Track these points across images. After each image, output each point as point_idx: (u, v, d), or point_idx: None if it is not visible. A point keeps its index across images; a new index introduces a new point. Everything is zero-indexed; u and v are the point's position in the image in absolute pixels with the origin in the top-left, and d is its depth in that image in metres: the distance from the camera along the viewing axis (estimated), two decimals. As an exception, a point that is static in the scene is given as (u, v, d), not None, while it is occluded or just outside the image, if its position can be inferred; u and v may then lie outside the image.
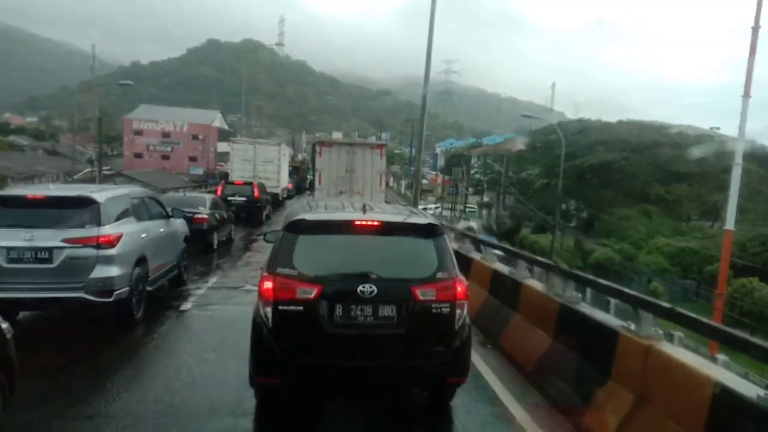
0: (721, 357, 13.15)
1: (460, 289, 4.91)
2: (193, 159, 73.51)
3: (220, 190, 24.11)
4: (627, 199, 50.77)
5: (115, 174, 49.47)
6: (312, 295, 4.66)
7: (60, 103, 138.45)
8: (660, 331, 4.79)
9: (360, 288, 4.66)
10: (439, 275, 4.91)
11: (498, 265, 9.29)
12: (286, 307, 4.68)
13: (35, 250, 6.96)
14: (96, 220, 7.32)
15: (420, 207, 22.50)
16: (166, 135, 75.70)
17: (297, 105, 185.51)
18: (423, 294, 4.79)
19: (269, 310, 4.70)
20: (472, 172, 69.27)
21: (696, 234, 44.60)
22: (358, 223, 5.02)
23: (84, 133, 72.09)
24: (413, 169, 38.64)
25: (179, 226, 10.64)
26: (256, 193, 24.04)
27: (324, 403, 5.62)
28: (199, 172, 66.63)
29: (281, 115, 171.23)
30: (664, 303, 4.99)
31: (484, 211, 62.25)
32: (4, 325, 4.48)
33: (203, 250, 14.68)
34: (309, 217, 5.18)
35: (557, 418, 5.33)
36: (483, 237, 13.73)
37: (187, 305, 9.30)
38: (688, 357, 4.34)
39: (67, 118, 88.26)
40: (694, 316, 4.48)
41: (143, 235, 8.42)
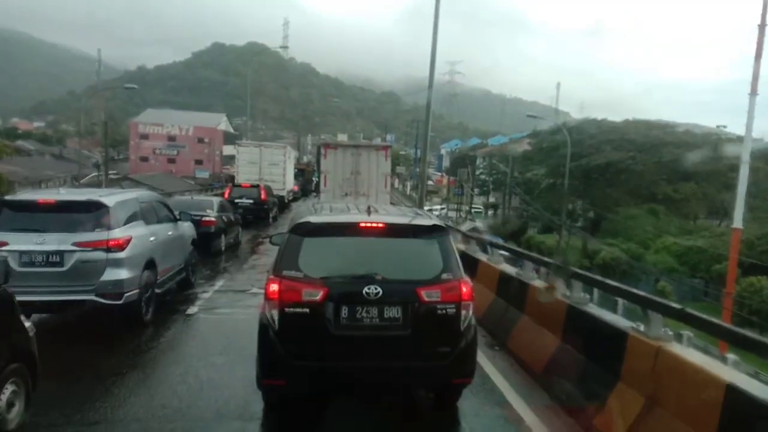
0: (731, 357, 12.98)
1: (465, 290, 4.90)
2: (199, 162, 73.97)
3: (227, 192, 24.27)
4: (634, 199, 50.58)
5: (122, 178, 49.72)
6: (318, 297, 4.67)
7: (67, 107, 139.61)
8: (670, 332, 4.74)
9: (365, 290, 4.66)
10: (444, 276, 4.91)
11: (505, 266, 9.27)
12: (292, 310, 4.69)
13: (47, 253, 7.07)
14: (106, 223, 7.44)
15: (425, 208, 22.53)
16: (171, 138, 76.20)
17: (302, 107, 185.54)
18: (428, 295, 4.78)
19: (275, 312, 4.70)
20: (477, 172, 69.09)
21: (704, 233, 44.38)
22: (363, 225, 5.02)
23: (91, 138, 72.55)
24: (418, 170, 38.61)
25: (187, 229, 10.74)
26: (263, 195, 24.27)
27: (331, 405, 5.59)
28: (205, 175, 67.02)
29: (286, 118, 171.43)
30: (675, 304, 4.94)
31: (490, 212, 62.06)
32: (28, 324, 4.63)
33: (211, 253, 14.68)
34: (314, 219, 5.19)
35: (565, 420, 5.29)
36: (489, 237, 13.68)
37: (194, 309, 9.31)
38: (698, 358, 4.29)
39: (74, 122, 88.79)
40: (705, 317, 4.44)
41: (152, 239, 8.51)
